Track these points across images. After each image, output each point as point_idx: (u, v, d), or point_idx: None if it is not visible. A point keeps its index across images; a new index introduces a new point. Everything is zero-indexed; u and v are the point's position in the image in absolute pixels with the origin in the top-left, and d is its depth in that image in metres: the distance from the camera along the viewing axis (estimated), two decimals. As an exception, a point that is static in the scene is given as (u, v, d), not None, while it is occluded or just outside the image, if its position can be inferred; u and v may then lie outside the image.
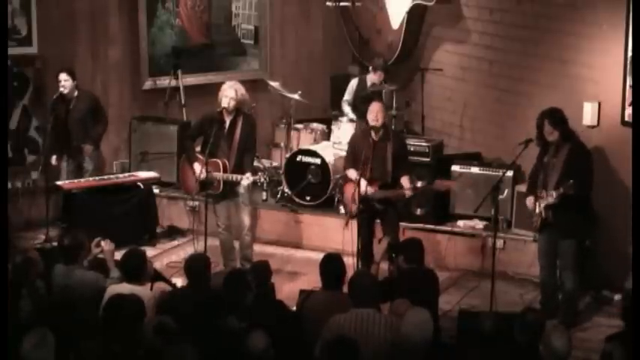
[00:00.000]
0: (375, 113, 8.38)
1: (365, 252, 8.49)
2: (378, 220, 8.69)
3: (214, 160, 8.60)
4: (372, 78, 10.43)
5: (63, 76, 9.66)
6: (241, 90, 8.67)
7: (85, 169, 9.92)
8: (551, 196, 7.70)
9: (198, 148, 8.87)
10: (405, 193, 8.36)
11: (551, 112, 7.88)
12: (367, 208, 8.41)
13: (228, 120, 8.66)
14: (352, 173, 8.52)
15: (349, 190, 8.63)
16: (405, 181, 8.38)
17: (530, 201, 7.98)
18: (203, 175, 8.54)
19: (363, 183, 8.32)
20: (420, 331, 5.55)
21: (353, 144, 8.76)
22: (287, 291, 8.00)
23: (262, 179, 8.51)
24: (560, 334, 5.48)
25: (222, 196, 8.75)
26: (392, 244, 8.29)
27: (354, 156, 8.58)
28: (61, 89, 9.64)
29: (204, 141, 8.65)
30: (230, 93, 8.58)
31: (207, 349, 5.62)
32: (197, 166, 8.68)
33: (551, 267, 8.08)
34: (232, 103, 8.58)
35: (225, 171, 8.60)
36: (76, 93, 9.75)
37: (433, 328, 5.68)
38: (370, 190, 8.34)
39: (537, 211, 7.89)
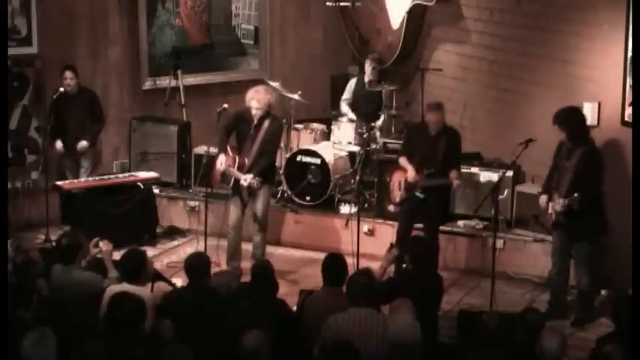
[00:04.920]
0: (434, 123, 8.49)
1: (401, 243, 8.35)
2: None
3: (232, 155, 8.73)
4: (367, 74, 10.50)
5: (69, 74, 9.74)
6: (264, 99, 8.64)
7: (82, 166, 9.98)
8: (559, 204, 7.74)
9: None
10: (454, 182, 8.41)
11: (558, 112, 7.90)
12: (410, 197, 8.53)
13: (256, 120, 8.71)
14: (403, 161, 8.63)
15: (397, 177, 8.74)
16: (453, 173, 8.44)
17: (543, 200, 7.98)
18: (223, 167, 8.68)
19: (411, 171, 8.46)
20: (405, 335, 5.54)
21: (409, 135, 8.98)
22: (287, 291, 7.99)
23: (255, 185, 8.55)
24: (554, 336, 5.48)
25: (236, 192, 8.79)
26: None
27: (410, 146, 8.72)
28: (67, 87, 9.70)
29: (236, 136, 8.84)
30: (254, 104, 8.64)
31: (207, 348, 5.62)
32: (220, 159, 8.74)
33: (563, 265, 8.10)
34: (258, 113, 8.63)
35: (240, 168, 8.67)
36: (76, 90, 9.80)
37: (420, 329, 5.66)
38: (416, 178, 8.47)
39: (549, 211, 7.90)
